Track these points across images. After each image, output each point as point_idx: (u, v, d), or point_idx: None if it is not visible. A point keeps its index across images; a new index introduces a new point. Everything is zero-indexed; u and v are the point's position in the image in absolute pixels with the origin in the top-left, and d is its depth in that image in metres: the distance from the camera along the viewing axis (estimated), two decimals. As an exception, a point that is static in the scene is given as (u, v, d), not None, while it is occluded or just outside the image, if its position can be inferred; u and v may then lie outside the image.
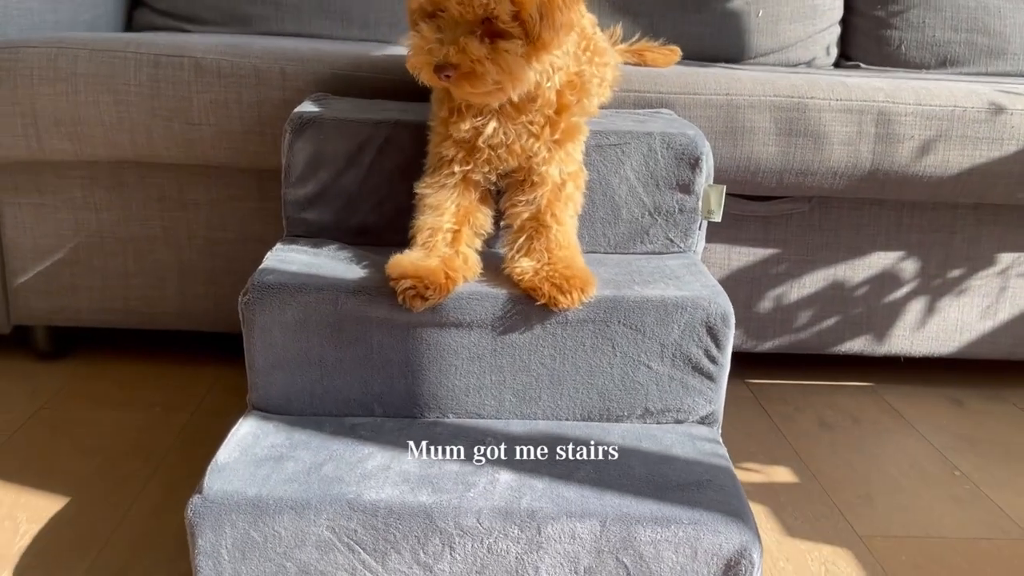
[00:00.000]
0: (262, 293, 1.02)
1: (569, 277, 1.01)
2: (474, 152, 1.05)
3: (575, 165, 1.09)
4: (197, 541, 0.89)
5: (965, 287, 1.58)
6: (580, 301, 1.01)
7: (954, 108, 1.41)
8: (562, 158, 1.06)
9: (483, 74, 0.95)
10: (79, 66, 1.34)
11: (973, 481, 1.34)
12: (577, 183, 1.09)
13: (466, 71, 0.94)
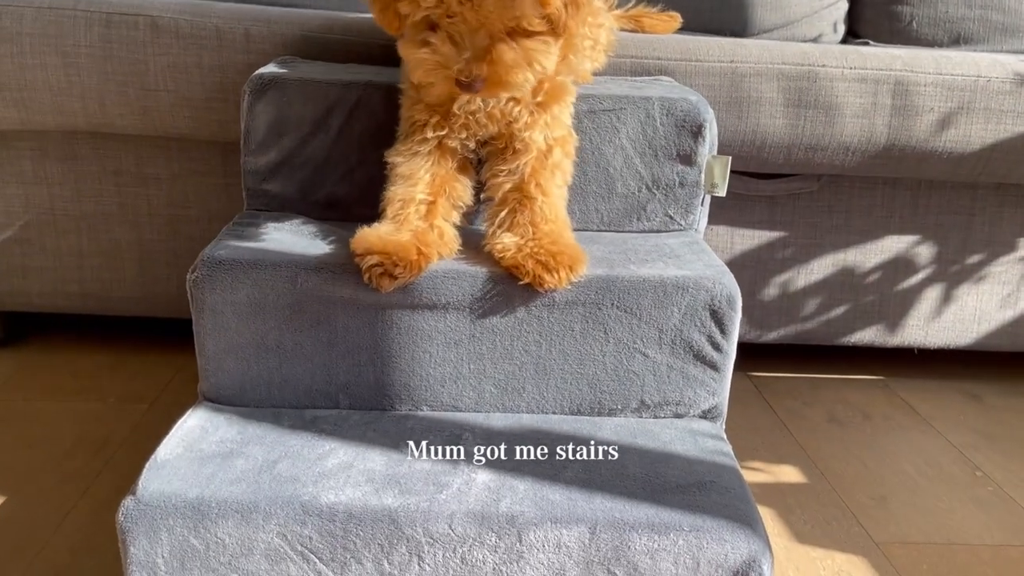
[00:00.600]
0: (212, 270, 0.91)
1: (556, 253, 0.90)
2: (449, 117, 0.94)
3: (563, 129, 0.98)
4: (129, 549, 0.78)
5: (984, 274, 1.48)
6: (568, 280, 0.90)
7: (977, 78, 1.31)
8: (547, 122, 0.95)
9: (518, 82, 0.86)
10: (24, 25, 1.23)
11: (996, 482, 1.23)
12: (565, 149, 0.98)
13: (495, 81, 0.84)
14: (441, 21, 0.84)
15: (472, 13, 0.82)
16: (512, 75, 0.86)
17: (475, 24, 0.83)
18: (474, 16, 0.83)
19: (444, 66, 0.85)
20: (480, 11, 0.82)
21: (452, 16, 0.83)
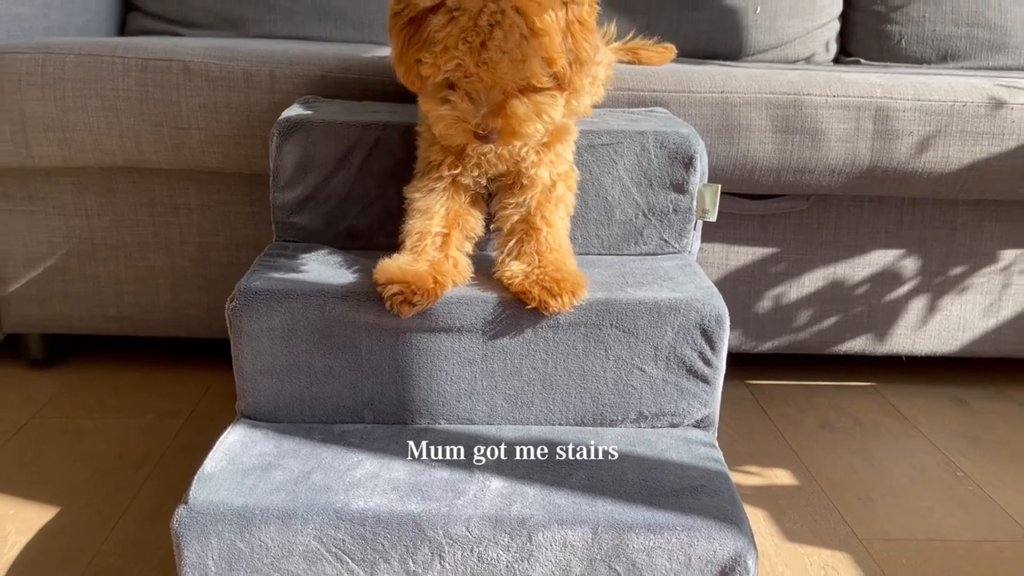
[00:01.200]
0: (249, 299, 1.01)
1: (559, 280, 0.99)
2: (463, 157, 1.03)
3: (565, 165, 1.07)
4: (183, 552, 0.87)
5: (967, 284, 1.56)
6: (571, 304, 1.00)
7: (953, 103, 1.39)
8: (552, 160, 1.05)
9: (530, 133, 0.96)
10: (67, 71, 1.33)
11: (976, 482, 1.32)
12: (568, 184, 1.08)
13: (509, 132, 0.94)
14: (459, 81, 0.93)
15: (487, 74, 0.91)
16: (524, 127, 0.96)
17: (490, 83, 0.93)
18: (489, 76, 0.92)
19: (463, 120, 0.95)
20: (495, 72, 0.91)
21: (469, 77, 0.92)
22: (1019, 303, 1.57)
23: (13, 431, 1.36)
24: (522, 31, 0.90)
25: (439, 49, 0.91)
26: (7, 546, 1.08)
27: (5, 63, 1.33)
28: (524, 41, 0.91)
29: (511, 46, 0.90)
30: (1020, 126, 1.40)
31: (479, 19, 0.89)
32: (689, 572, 0.87)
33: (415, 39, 0.94)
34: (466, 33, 0.90)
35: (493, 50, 0.90)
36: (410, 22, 0.95)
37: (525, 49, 0.91)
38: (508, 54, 0.90)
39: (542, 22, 0.91)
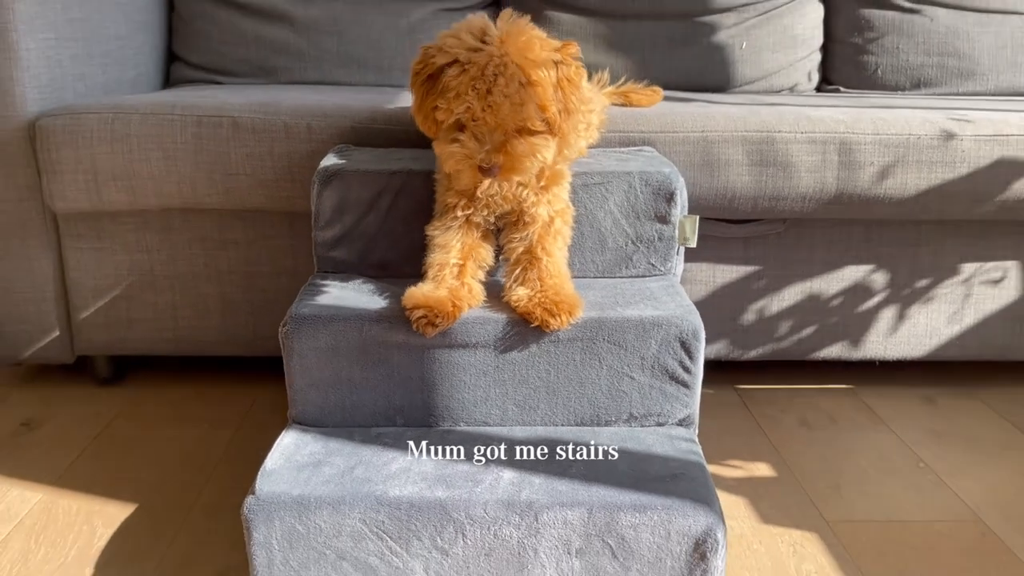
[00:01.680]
0: (299, 324, 1.20)
1: (558, 302, 1.18)
2: (474, 199, 1.22)
3: (562, 204, 1.26)
4: (252, 534, 1.06)
5: (932, 295, 1.73)
6: (568, 323, 1.18)
7: (909, 136, 1.57)
8: (549, 200, 1.24)
9: (526, 168, 1.15)
10: (132, 128, 1.54)
11: (935, 471, 1.49)
12: (565, 219, 1.26)
13: (509, 168, 1.14)
14: (468, 123, 1.13)
15: (492, 116, 1.11)
16: (521, 162, 1.15)
17: (493, 125, 1.13)
18: (493, 118, 1.12)
19: (470, 157, 1.14)
20: (498, 114, 1.11)
21: (476, 120, 1.12)
22: (981, 311, 1.74)
23: (89, 440, 1.56)
24: (520, 80, 1.11)
25: (452, 95, 1.12)
26: (96, 537, 1.28)
27: (80, 122, 1.54)
28: (522, 88, 1.11)
29: (512, 91, 1.10)
30: (970, 155, 1.57)
31: (486, 70, 1.10)
32: (669, 544, 1.05)
33: (432, 92, 1.15)
34: (475, 81, 1.10)
35: (497, 95, 1.10)
36: (428, 78, 1.16)
37: (523, 95, 1.11)
38: (509, 98, 1.10)
39: (536, 75, 1.12)
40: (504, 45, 1.11)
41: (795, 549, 1.27)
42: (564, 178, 1.27)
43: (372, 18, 2.14)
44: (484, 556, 1.06)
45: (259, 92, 1.79)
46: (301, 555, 1.07)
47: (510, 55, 1.10)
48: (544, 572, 1.06)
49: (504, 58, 1.10)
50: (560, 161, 1.25)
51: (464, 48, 1.11)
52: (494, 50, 1.10)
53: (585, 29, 2.19)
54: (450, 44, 1.13)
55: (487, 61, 1.10)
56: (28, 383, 1.80)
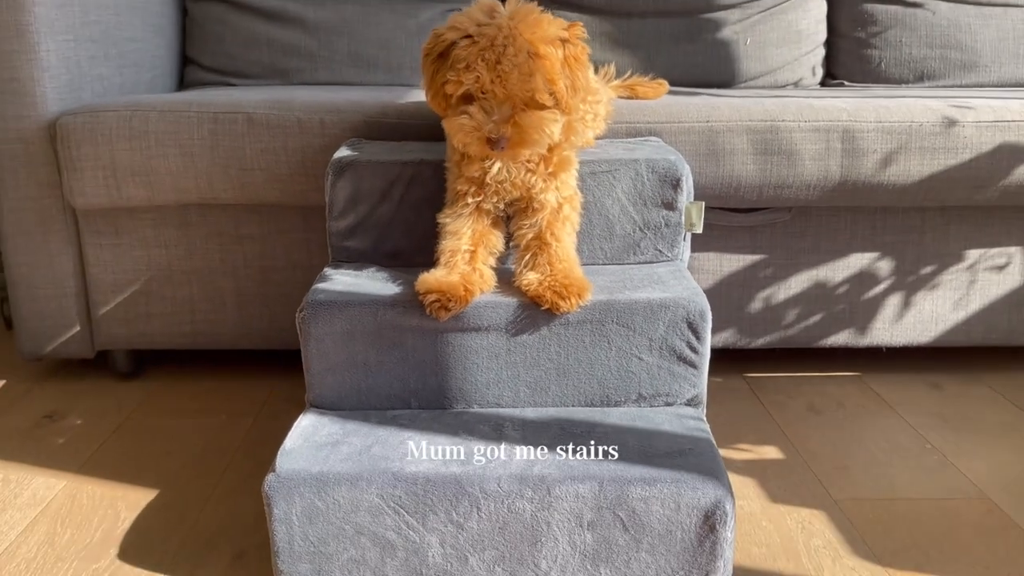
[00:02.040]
0: (315, 309, 1.24)
1: (567, 285, 1.21)
2: (483, 187, 1.25)
3: (570, 190, 1.29)
4: (273, 510, 1.09)
5: (937, 282, 1.76)
6: (577, 305, 1.21)
7: (911, 123, 1.60)
8: (557, 186, 1.27)
9: (534, 141, 1.17)
10: (150, 125, 1.58)
11: (941, 452, 1.51)
12: (573, 205, 1.29)
13: (517, 140, 1.16)
14: (477, 95, 1.16)
15: (500, 88, 1.14)
16: (529, 135, 1.17)
17: (502, 97, 1.15)
18: (502, 89, 1.14)
19: (478, 129, 1.16)
20: (507, 84, 1.13)
21: (485, 92, 1.15)
22: (985, 297, 1.76)
23: (111, 431, 1.60)
24: (529, 52, 1.13)
25: (462, 67, 1.14)
26: (120, 520, 1.31)
27: (100, 119, 1.58)
28: (531, 60, 1.13)
29: (520, 62, 1.13)
30: (971, 141, 1.60)
31: (495, 41, 1.13)
32: (679, 516, 1.08)
33: (442, 69, 1.18)
34: (484, 52, 1.13)
35: (506, 65, 1.12)
36: (439, 56, 1.18)
37: (531, 67, 1.14)
38: (518, 68, 1.13)
39: (544, 49, 1.14)
40: (513, 20, 1.14)
41: (803, 526, 1.29)
42: (571, 165, 1.30)
43: (381, 19, 2.18)
44: (498, 529, 1.09)
45: (272, 91, 1.83)
46: (320, 530, 1.10)
47: (519, 28, 1.14)
48: (557, 545, 1.09)
49: (513, 31, 1.13)
50: (567, 148, 1.28)
51: (474, 23, 1.15)
52: (503, 23, 1.14)
53: (591, 27, 2.22)
54: (460, 21, 1.16)
55: (496, 33, 1.13)
56: (50, 378, 1.84)
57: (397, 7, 2.19)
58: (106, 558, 1.22)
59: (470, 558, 1.10)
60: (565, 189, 1.28)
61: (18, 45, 1.59)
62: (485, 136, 1.16)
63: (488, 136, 1.16)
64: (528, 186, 1.26)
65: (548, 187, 1.26)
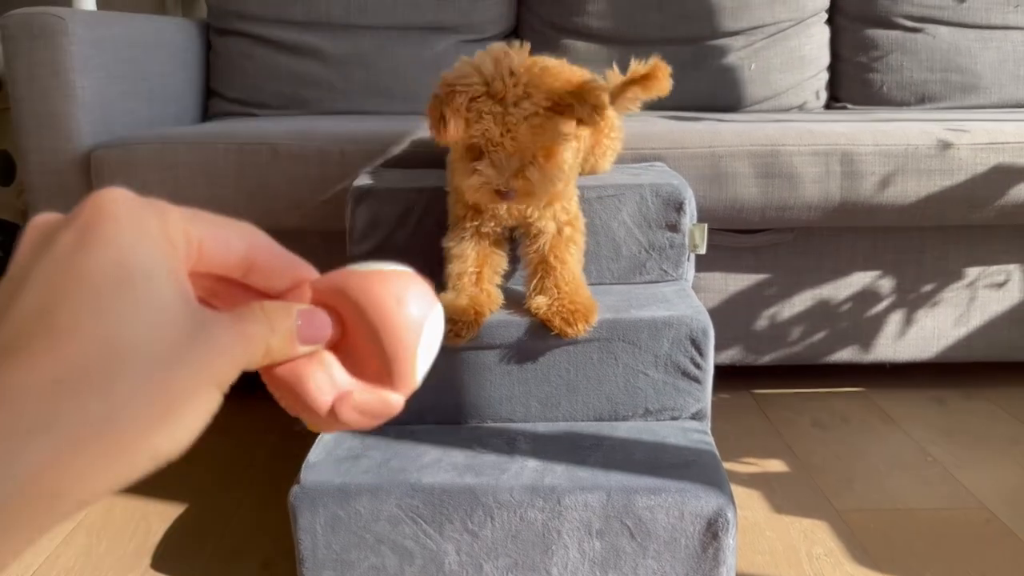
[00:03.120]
0: (336, 329, 1.30)
1: (574, 311, 1.26)
2: (481, 212, 1.32)
3: (569, 214, 1.33)
4: (298, 521, 1.16)
5: (938, 299, 1.81)
6: (585, 330, 1.27)
7: (907, 146, 1.65)
8: (554, 213, 1.31)
9: (543, 193, 1.21)
10: (180, 156, 1.66)
11: (943, 465, 1.55)
12: (575, 226, 1.34)
13: (525, 192, 1.20)
14: (486, 148, 1.21)
15: (510, 142, 1.18)
16: (536, 189, 1.21)
17: (511, 150, 1.19)
18: (512, 144, 1.18)
19: (488, 183, 1.21)
20: (516, 139, 1.17)
21: (495, 146, 1.20)
22: (985, 313, 1.81)
23: (141, 448, 1.67)
24: (541, 105, 1.16)
25: (471, 118, 1.17)
26: (152, 532, 1.38)
27: (132, 152, 1.66)
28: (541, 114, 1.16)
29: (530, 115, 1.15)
30: (966, 163, 1.65)
31: (505, 96, 1.16)
32: (683, 524, 1.13)
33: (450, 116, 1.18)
34: (493, 106, 1.15)
35: (514, 118, 1.15)
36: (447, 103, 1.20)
37: (542, 121, 1.16)
38: (528, 121, 1.16)
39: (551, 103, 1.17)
40: (525, 72, 1.16)
41: (806, 535, 1.34)
42: (566, 195, 1.32)
43: (397, 51, 2.27)
44: (512, 538, 1.15)
45: (294, 122, 1.91)
46: (343, 539, 1.16)
47: (531, 81, 1.16)
48: (567, 552, 1.15)
49: (525, 86, 1.15)
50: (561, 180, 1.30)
51: (483, 75, 1.16)
52: (514, 77, 1.15)
53: (599, 55, 2.30)
54: (467, 73, 1.17)
55: (505, 87, 1.15)
56: (82, 398, 1.91)
57: (412, 40, 2.28)
58: (140, 568, 1.28)
59: (484, 565, 1.15)
60: (563, 214, 1.32)
61: (55, 82, 1.68)
62: (495, 189, 1.19)
63: (497, 189, 1.19)
64: (524, 216, 1.31)
65: (544, 215, 1.30)
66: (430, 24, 2.29)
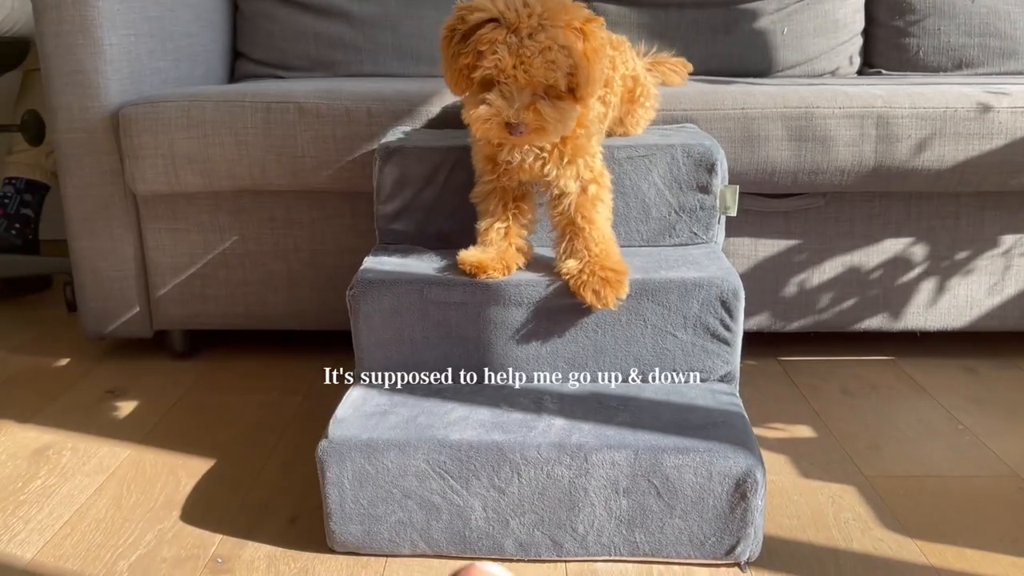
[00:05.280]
0: (365, 287, 1.30)
1: (604, 279, 1.24)
2: (496, 164, 1.30)
3: (593, 171, 1.30)
4: (326, 474, 1.16)
5: (972, 267, 1.77)
6: (615, 302, 1.25)
7: (946, 109, 1.62)
8: (577, 171, 1.29)
9: (552, 130, 1.19)
10: (207, 114, 1.66)
11: (974, 433, 1.53)
12: (601, 183, 1.31)
13: (535, 127, 1.18)
14: (497, 80, 1.17)
15: (522, 73, 1.15)
16: (548, 124, 1.19)
17: (524, 83, 1.17)
18: (523, 75, 1.16)
19: (497, 114, 1.18)
20: (528, 71, 1.15)
21: (507, 77, 1.16)
22: (1021, 282, 1.78)
23: (169, 406, 1.68)
24: (553, 39, 1.15)
25: (485, 49, 1.16)
26: (181, 485, 1.39)
27: (159, 110, 1.66)
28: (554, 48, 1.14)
29: (544, 48, 1.14)
30: (1006, 127, 1.62)
31: (519, 26, 1.15)
32: (711, 484, 1.13)
33: (464, 50, 1.19)
34: (508, 36, 1.14)
35: (529, 50, 1.14)
36: (461, 37, 1.20)
37: (554, 55, 1.15)
38: (542, 55, 1.14)
39: (566, 38, 1.16)
40: (539, 6, 1.15)
41: (833, 500, 1.33)
42: (588, 151, 1.30)
43: (424, 12, 2.24)
44: (538, 494, 1.15)
45: (321, 82, 1.90)
46: (370, 493, 1.16)
47: (545, 15, 1.15)
48: (594, 510, 1.14)
49: (539, 17, 1.14)
50: (582, 136, 1.29)
51: (498, 6, 1.16)
52: (529, 8, 1.15)
53: (629, 18, 2.27)
54: (483, 3, 1.17)
55: (520, 18, 1.14)
56: (111, 356, 1.94)
57: (439, 1, 2.25)
58: (169, 519, 1.30)
59: (511, 521, 1.16)
60: (587, 172, 1.30)
61: (83, 39, 1.68)
62: (504, 121, 1.18)
63: (508, 121, 1.17)
64: (540, 174, 1.29)
65: (564, 174, 1.28)
66: (457, -15, 2.26)
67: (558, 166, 1.28)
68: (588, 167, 1.31)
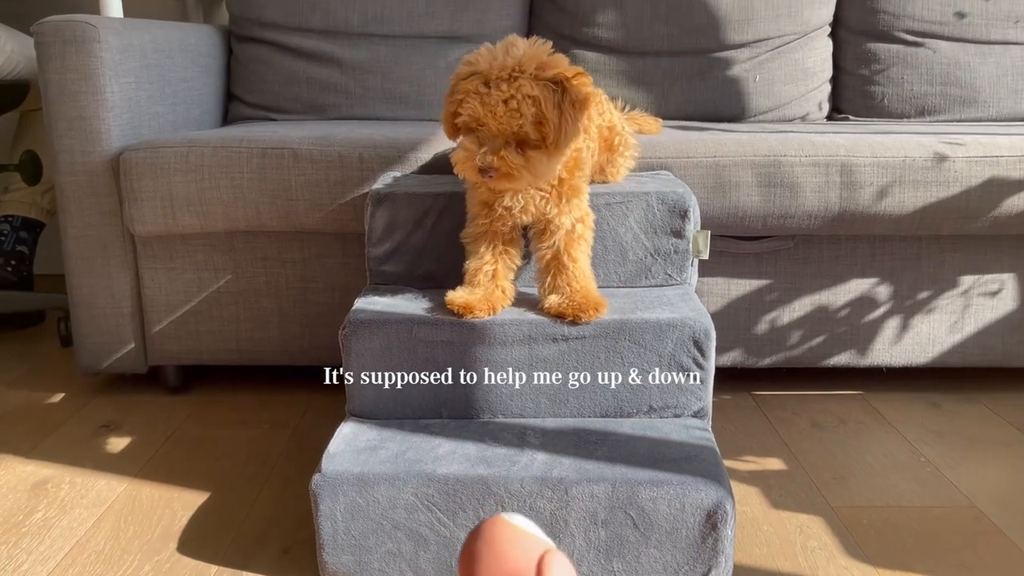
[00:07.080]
0: (356, 327, 1.37)
1: (584, 303, 1.33)
2: (492, 210, 1.38)
3: (581, 211, 1.40)
4: (319, 507, 1.22)
5: (933, 306, 1.87)
6: (595, 317, 1.34)
7: (904, 158, 1.72)
8: (570, 210, 1.38)
9: (518, 176, 1.27)
10: (205, 159, 1.73)
11: (935, 465, 1.61)
12: (586, 223, 1.41)
13: (504, 173, 1.26)
14: (475, 126, 1.27)
15: (493, 121, 1.25)
16: (513, 171, 1.26)
17: (494, 131, 1.26)
18: (494, 124, 1.25)
19: (470, 158, 1.28)
20: (495, 119, 1.24)
21: (481, 125, 1.26)
22: (979, 321, 1.87)
23: (164, 440, 1.73)
24: (518, 89, 1.23)
25: (460, 98, 1.26)
26: (176, 518, 1.45)
27: (159, 155, 1.73)
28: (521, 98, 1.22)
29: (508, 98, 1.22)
30: (961, 175, 1.72)
31: (490, 77, 1.24)
32: (684, 515, 1.20)
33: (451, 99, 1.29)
34: (480, 86, 1.24)
35: (495, 99, 1.22)
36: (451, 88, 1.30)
37: (518, 104, 1.23)
38: (505, 104, 1.23)
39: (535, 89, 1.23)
40: (518, 58, 1.24)
41: (801, 529, 1.40)
42: (581, 192, 1.41)
43: (413, 59, 2.34)
44: (521, 525, 1.21)
45: (313, 127, 1.98)
46: (361, 525, 1.22)
47: (520, 66, 1.23)
48: (574, 540, 1.21)
49: (511, 69, 1.23)
50: (578, 179, 1.39)
51: (486, 59, 1.25)
52: (506, 61, 1.23)
53: (608, 65, 2.37)
54: (476, 56, 1.27)
55: (494, 69, 1.23)
56: (105, 391, 1.99)
57: (427, 48, 2.35)
58: (166, 551, 1.35)
59: (495, 551, 1.22)
60: (577, 211, 1.40)
61: (86, 87, 1.76)
62: (476, 165, 1.27)
63: (478, 166, 1.26)
64: (543, 212, 1.38)
65: (562, 211, 1.38)
66: (445, 33, 2.36)
67: (557, 204, 1.38)
68: (577, 207, 1.40)
